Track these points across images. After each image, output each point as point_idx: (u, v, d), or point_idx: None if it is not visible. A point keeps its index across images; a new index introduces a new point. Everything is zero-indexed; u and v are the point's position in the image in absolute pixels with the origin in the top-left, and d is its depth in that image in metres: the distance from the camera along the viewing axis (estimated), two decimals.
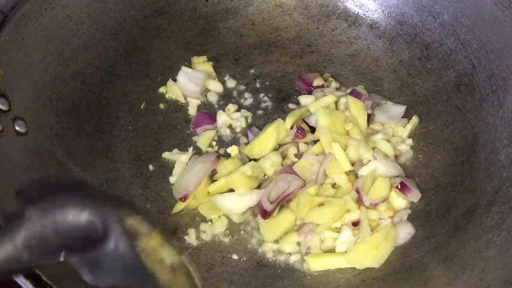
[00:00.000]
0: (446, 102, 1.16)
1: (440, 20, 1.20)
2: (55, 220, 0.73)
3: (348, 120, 1.11)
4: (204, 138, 1.14)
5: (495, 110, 1.06)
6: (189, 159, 1.11)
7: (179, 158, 1.10)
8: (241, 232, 1.03)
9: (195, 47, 1.29)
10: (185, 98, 1.20)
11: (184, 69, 1.21)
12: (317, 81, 1.21)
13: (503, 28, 1.08)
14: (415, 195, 1.05)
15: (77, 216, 0.74)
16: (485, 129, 1.07)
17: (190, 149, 1.12)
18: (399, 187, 1.04)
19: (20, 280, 0.75)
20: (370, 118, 1.14)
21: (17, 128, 0.97)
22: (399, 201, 1.04)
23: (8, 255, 0.69)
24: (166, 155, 1.12)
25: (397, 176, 1.07)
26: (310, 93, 1.20)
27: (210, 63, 1.25)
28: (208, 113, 1.18)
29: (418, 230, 1.01)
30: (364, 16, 1.30)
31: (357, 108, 1.13)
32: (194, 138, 1.15)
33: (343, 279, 0.97)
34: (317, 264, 0.99)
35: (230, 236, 1.03)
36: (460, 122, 1.12)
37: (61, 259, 0.74)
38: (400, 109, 1.16)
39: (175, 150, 1.12)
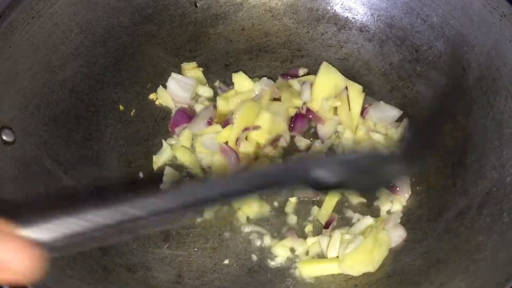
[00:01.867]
0: None
1: (429, 22, 1.20)
2: None
3: (339, 97, 1.14)
4: (185, 137, 1.14)
5: (485, 112, 1.06)
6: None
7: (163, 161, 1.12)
8: (234, 237, 1.03)
9: (184, 53, 1.28)
10: (175, 105, 1.19)
11: (173, 75, 1.20)
12: (302, 71, 1.23)
13: (491, 29, 1.07)
14: (404, 192, 1.06)
15: None
16: (476, 131, 1.06)
17: (164, 143, 1.13)
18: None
19: None
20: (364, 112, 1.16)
21: (4, 137, 0.95)
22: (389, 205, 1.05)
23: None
24: (155, 165, 1.12)
25: None
26: None
27: (200, 69, 1.25)
28: (185, 111, 1.17)
29: (409, 233, 1.01)
30: (353, 20, 1.30)
31: (354, 91, 1.16)
32: (174, 140, 1.15)
33: (335, 284, 0.96)
34: (309, 270, 0.98)
35: (221, 242, 1.02)
36: (451, 124, 1.12)
37: None
38: (395, 112, 1.16)
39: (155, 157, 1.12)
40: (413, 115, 1.17)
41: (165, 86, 1.20)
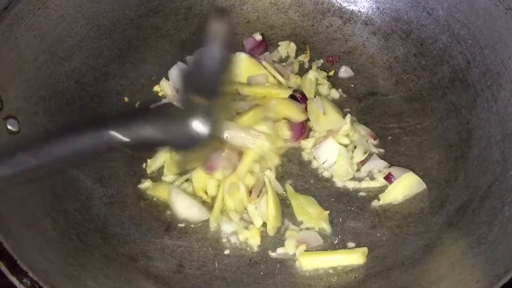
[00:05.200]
0: (441, 98, 1.16)
1: (435, 15, 1.19)
2: None
3: None
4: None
5: (489, 106, 1.06)
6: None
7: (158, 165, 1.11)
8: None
9: (190, 45, 1.29)
10: (173, 95, 1.19)
11: (180, 64, 1.20)
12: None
13: (497, 23, 1.07)
14: None
15: None
16: (479, 125, 1.06)
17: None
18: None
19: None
20: None
21: (9, 126, 0.97)
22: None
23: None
24: (149, 169, 1.11)
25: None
26: None
27: None
28: (169, 105, 1.14)
29: (411, 226, 1.00)
30: (359, 13, 1.30)
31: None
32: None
33: (335, 276, 0.96)
34: (309, 262, 0.98)
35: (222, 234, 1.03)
36: (455, 118, 1.11)
37: None
38: None
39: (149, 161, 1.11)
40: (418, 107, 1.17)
41: (168, 78, 1.20)
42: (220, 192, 1.04)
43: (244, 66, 1.18)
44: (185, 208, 1.04)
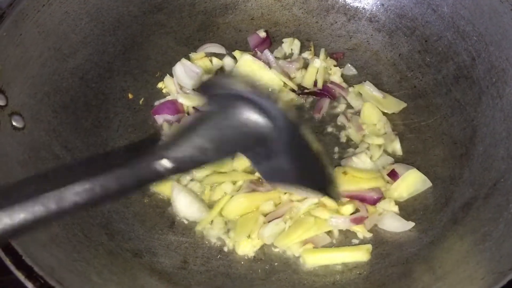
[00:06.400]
0: (445, 95, 1.15)
1: (440, 12, 1.19)
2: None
3: None
4: None
5: (494, 103, 1.05)
6: None
7: None
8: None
9: (194, 42, 1.29)
10: (177, 92, 1.19)
11: (183, 61, 1.20)
12: None
13: (502, 19, 1.06)
14: None
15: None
16: (484, 122, 1.06)
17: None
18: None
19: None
20: None
21: (14, 123, 0.97)
22: None
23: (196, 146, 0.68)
24: None
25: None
26: None
27: (209, 58, 1.25)
28: (175, 103, 1.16)
29: (415, 223, 1.00)
30: (363, 10, 1.30)
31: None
32: None
33: (339, 272, 0.96)
34: (313, 259, 0.98)
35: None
36: (459, 115, 1.11)
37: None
38: None
39: None
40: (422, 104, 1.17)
41: (172, 75, 1.20)
42: (220, 205, 1.03)
43: (249, 68, 1.18)
44: (185, 206, 1.04)
